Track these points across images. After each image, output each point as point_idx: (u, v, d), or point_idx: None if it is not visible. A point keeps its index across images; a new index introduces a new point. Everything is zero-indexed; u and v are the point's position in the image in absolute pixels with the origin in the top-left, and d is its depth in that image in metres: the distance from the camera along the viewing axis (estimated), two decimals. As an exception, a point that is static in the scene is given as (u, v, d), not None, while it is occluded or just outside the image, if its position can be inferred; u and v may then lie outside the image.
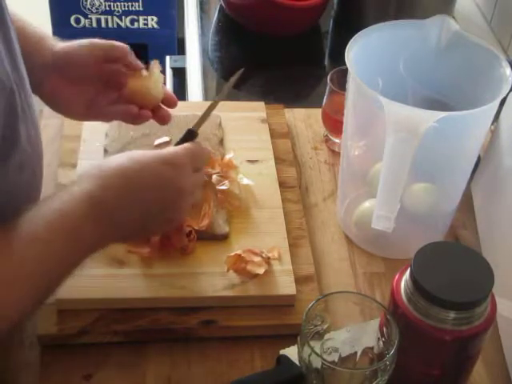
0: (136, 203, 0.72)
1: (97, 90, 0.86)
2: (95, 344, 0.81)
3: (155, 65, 0.86)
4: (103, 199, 0.69)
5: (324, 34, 1.59)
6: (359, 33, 0.89)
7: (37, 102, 0.85)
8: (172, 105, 0.89)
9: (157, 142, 1.01)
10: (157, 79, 0.85)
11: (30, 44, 0.84)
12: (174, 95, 0.89)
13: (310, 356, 0.68)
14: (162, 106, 0.88)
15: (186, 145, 0.79)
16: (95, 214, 0.68)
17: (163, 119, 0.88)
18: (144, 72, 0.86)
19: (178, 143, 0.82)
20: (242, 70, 0.89)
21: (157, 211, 0.75)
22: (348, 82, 0.88)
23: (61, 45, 0.86)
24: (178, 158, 0.76)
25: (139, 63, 0.86)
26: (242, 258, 0.86)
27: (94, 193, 0.69)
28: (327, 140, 1.12)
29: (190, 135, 0.83)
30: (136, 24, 2.22)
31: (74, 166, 0.99)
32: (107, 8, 2.20)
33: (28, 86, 0.76)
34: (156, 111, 0.87)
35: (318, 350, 0.70)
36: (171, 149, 0.78)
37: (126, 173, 0.72)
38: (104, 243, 0.73)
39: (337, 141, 1.09)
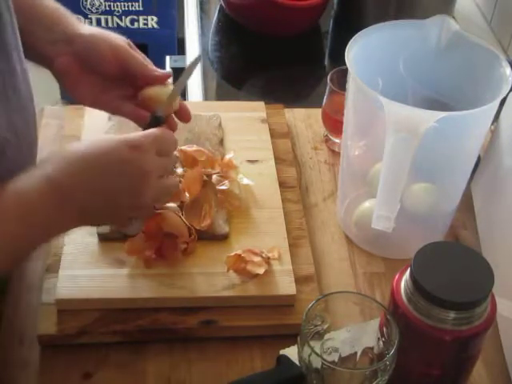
0: (99, 188, 0.72)
1: (111, 83, 0.85)
2: (95, 344, 0.81)
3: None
4: (63, 184, 0.70)
5: (324, 34, 1.59)
6: (359, 33, 0.89)
7: (38, 101, 0.85)
8: (185, 119, 0.87)
9: (157, 141, 1.01)
10: (173, 91, 0.84)
11: (47, 19, 0.85)
12: (189, 111, 0.87)
13: (310, 356, 0.68)
14: (174, 116, 0.87)
15: (151, 130, 0.78)
16: (55, 198, 0.69)
17: (170, 128, 0.86)
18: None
19: (144, 129, 0.80)
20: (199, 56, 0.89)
21: (122, 196, 0.74)
22: (348, 82, 0.88)
23: (86, 30, 0.86)
24: (140, 142, 0.74)
25: (159, 74, 0.85)
26: (242, 258, 0.86)
27: (53, 176, 0.69)
28: (327, 140, 1.12)
29: (155, 121, 0.81)
30: (136, 24, 2.22)
31: (73, 165, 0.99)
32: (107, 8, 2.20)
33: (19, 73, 0.76)
34: (166, 120, 0.85)
35: (318, 350, 0.70)
36: (135, 134, 0.76)
37: (87, 158, 0.72)
38: (67, 227, 0.74)
39: (337, 141, 1.09)
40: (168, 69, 1.64)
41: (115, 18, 2.21)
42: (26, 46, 0.79)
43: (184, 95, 1.43)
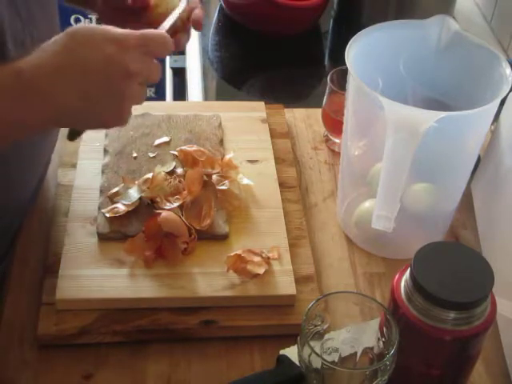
0: (75, 82, 0.67)
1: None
2: (95, 344, 0.81)
3: None
4: (35, 77, 0.66)
5: (324, 34, 1.59)
6: (359, 33, 0.89)
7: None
8: (198, 27, 0.86)
9: (157, 141, 1.02)
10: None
11: None
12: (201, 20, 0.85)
13: (310, 356, 0.68)
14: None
15: (143, 30, 0.71)
16: (21, 90, 0.66)
17: (178, 44, 0.83)
18: None
19: None
20: None
21: (99, 94, 0.69)
22: (348, 82, 0.88)
23: None
24: (125, 37, 0.69)
25: None
26: (242, 257, 0.86)
27: (24, 70, 0.66)
28: (327, 140, 1.12)
29: None
30: (136, 24, 2.22)
31: (73, 165, 0.99)
32: (107, 8, 2.19)
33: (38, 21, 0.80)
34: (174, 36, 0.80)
35: (318, 350, 0.70)
36: (121, 29, 0.70)
37: (67, 49, 0.68)
38: (40, 124, 0.71)
39: (337, 141, 1.09)
40: (168, 69, 1.64)
41: (115, 18, 2.21)
42: None
43: (184, 95, 1.43)
